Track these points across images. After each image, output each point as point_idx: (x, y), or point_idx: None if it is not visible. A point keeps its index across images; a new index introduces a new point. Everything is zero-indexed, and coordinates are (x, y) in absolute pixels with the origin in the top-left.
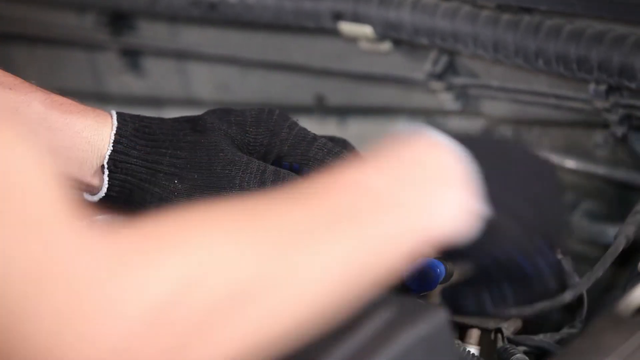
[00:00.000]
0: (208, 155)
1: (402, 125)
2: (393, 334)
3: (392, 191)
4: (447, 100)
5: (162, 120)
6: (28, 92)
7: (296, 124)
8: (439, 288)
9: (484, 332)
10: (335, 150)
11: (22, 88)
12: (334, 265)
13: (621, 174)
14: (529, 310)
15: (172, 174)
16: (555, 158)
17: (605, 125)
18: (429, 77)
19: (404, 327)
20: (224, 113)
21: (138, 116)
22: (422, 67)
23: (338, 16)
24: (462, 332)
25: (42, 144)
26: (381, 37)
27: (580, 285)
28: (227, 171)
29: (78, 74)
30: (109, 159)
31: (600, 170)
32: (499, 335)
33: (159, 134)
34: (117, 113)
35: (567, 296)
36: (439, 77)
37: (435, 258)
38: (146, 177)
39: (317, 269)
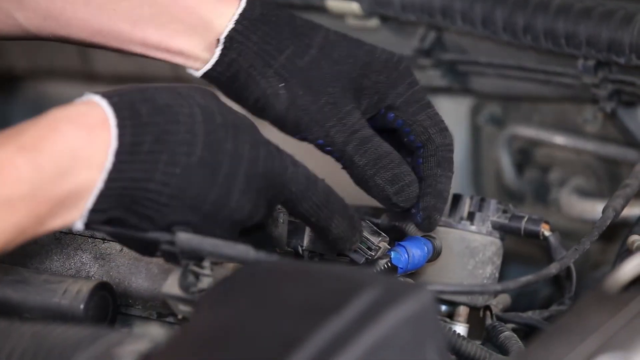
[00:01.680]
0: (320, 82)
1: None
2: (379, 314)
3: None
4: (435, 76)
5: (292, 16)
6: None
7: (417, 83)
8: (427, 265)
9: (473, 309)
10: (442, 125)
11: None
12: None
13: (610, 149)
14: (514, 283)
15: (281, 77)
16: (545, 134)
17: (594, 101)
18: (416, 53)
19: (390, 307)
20: (355, 45)
21: (270, 4)
22: (409, 44)
23: None
24: (450, 310)
25: None
26: (368, 13)
27: (567, 257)
28: (326, 108)
29: (66, 54)
30: (227, 34)
31: (590, 145)
32: (488, 313)
33: (284, 30)
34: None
35: (554, 268)
36: (427, 53)
37: (422, 236)
38: (257, 65)
39: None
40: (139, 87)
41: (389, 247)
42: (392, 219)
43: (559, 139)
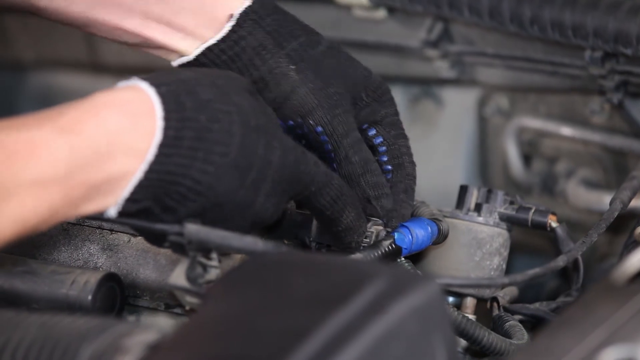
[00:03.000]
0: (331, 72)
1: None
2: (386, 305)
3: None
4: (442, 67)
5: (300, 20)
6: None
7: (398, 114)
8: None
9: (480, 301)
10: (412, 159)
11: None
12: None
13: (617, 140)
14: (522, 276)
15: (292, 60)
16: (552, 125)
17: (601, 92)
18: (424, 44)
19: (397, 298)
20: (355, 60)
21: (278, 5)
22: (417, 35)
23: None
24: (458, 301)
25: None
26: (376, 4)
27: (575, 250)
28: (335, 98)
29: (73, 44)
30: (244, 10)
31: (597, 137)
32: (495, 304)
33: (295, 22)
34: None
35: (561, 261)
36: (434, 44)
37: (429, 218)
38: (267, 45)
39: None
40: (181, 77)
41: (382, 228)
42: None
43: (566, 131)
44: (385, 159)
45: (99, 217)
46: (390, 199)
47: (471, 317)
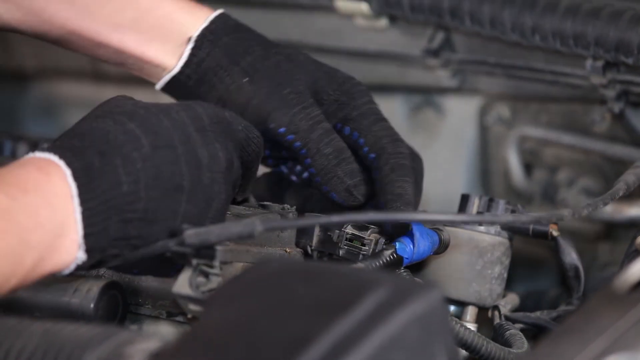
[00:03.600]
0: (284, 76)
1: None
2: (388, 313)
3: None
4: (443, 76)
5: (263, 36)
6: None
7: (374, 102)
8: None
9: (482, 309)
10: (396, 137)
11: None
12: None
13: (618, 150)
14: (526, 217)
15: (246, 72)
16: (553, 134)
17: (602, 102)
18: (425, 53)
19: (399, 306)
20: (321, 63)
21: (243, 24)
22: (418, 44)
23: None
24: (459, 310)
25: None
26: (377, 13)
27: (578, 210)
28: (290, 97)
29: (75, 54)
30: (200, 33)
31: (598, 146)
32: (496, 313)
33: (254, 39)
34: (224, 11)
35: (566, 212)
36: (436, 53)
37: (430, 228)
38: (223, 64)
39: None
40: (56, 138)
41: (379, 236)
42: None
43: (567, 139)
44: (366, 150)
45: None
46: (364, 183)
47: (472, 325)
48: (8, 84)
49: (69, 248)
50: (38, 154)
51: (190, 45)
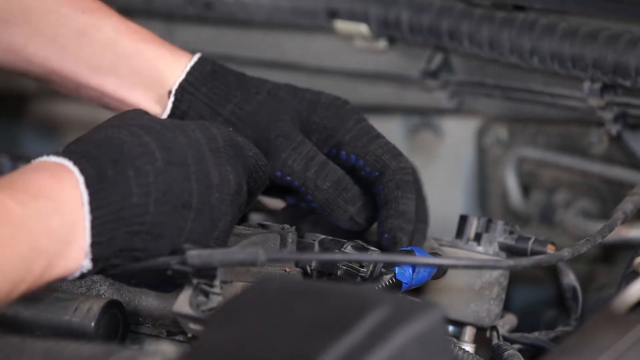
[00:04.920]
0: (268, 119)
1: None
2: (388, 332)
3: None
4: (442, 98)
5: (242, 74)
6: (102, 17)
7: (364, 119)
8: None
9: (480, 330)
10: (396, 151)
11: (97, 12)
12: None
13: (616, 172)
14: (527, 261)
15: (230, 122)
16: (550, 156)
17: (600, 124)
18: (424, 75)
19: (399, 325)
20: (301, 90)
21: (220, 64)
22: (417, 65)
23: (333, 14)
24: (457, 329)
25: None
26: (376, 35)
27: (578, 246)
28: (278, 141)
29: None
30: (179, 86)
31: (595, 168)
32: (494, 333)
33: (233, 83)
34: (201, 55)
35: (566, 252)
36: (434, 75)
37: (429, 252)
38: (205, 115)
39: None
40: (76, 139)
41: None
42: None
43: (565, 161)
44: (368, 170)
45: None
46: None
47: (470, 346)
48: (8, 105)
49: (76, 256)
50: (52, 158)
51: (171, 99)
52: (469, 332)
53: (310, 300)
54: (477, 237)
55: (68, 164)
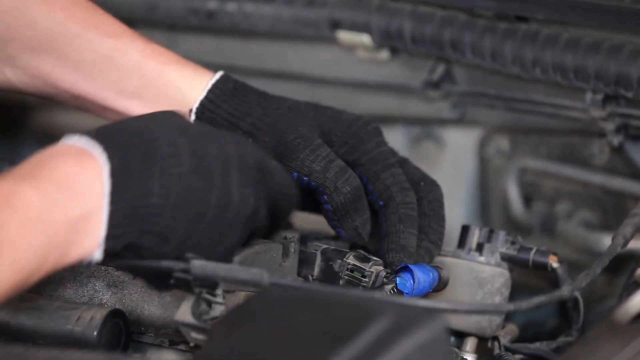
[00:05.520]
0: (287, 124)
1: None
2: (391, 341)
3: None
4: (444, 108)
5: (263, 92)
6: (127, 41)
7: (385, 144)
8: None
9: (481, 340)
10: (405, 185)
11: (123, 36)
12: None
13: (617, 182)
14: (527, 304)
15: (249, 133)
16: (552, 166)
17: (601, 134)
18: (426, 85)
19: (403, 334)
20: (323, 106)
21: (242, 82)
22: (419, 76)
23: (336, 25)
24: (459, 340)
25: None
26: (379, 45)
27: (578, 282)
28: (296, 142)
29: None
30: (200, 104)
31: (597, 179)
32: (496, 344)
33: (254, 100)
34: (224, 72)
35: (565, 290)
36: (436, 85)
37: (432, 266)
38: (226, 128)
39: None
40: (110, 124)
41: (382, 268)
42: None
43: (567, 172)
44: (374, 197)
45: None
46: (369, 220)
47: (472, 356)
48: (10, 114)
49: (89, 246)
50: (82, 141)
51: (192, 117)
52: (470, 343)
53: (313, 309)
54: (479, 248)
55: (96, 150)
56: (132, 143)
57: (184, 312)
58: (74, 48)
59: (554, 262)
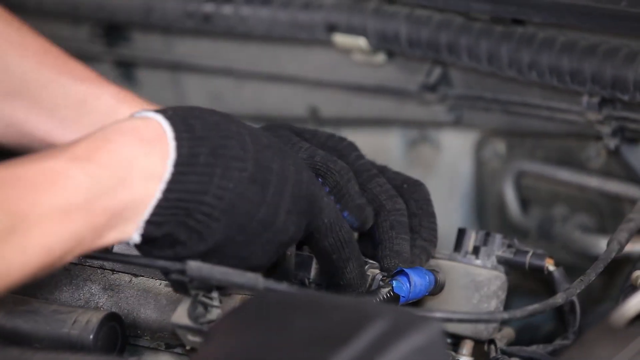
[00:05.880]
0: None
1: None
2: (387, 345)
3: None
4: (440, 111)
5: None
6: (100, 85)
7: (363, 157)
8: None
9: (478, 343)
10: (392, 193)
11: (95, 81)
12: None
13: (614, 186)
14: (521, 312)
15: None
16: (549, 170)
17: (598, 138)
18: (422, 88)
19: (398, 338)
20: (298, 129)
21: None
22: (415, 79)
23: (332, 28)
24: (455, 343)
25: None
26: (375, 48)
27: (573, 288)
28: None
29: None
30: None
31: (593, 182)
32: (492, 347)
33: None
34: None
35: (560, 298)
36: (433, 88)
37: (429, 269)
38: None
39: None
40: (186, 107)
41: (378, 271)
42: None
43: (563, 175)
44: None
45: (101, 256)
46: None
47: (469, 359)
48: None
49: (129, 231)
50: (157, 119)
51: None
52: (467, 346)
53: (309, 313)
54: (476, 251)
55: (169, 134)
56: (204, 135)
57: (181, 315)
58: (48, 93)
59: (550, 265)
